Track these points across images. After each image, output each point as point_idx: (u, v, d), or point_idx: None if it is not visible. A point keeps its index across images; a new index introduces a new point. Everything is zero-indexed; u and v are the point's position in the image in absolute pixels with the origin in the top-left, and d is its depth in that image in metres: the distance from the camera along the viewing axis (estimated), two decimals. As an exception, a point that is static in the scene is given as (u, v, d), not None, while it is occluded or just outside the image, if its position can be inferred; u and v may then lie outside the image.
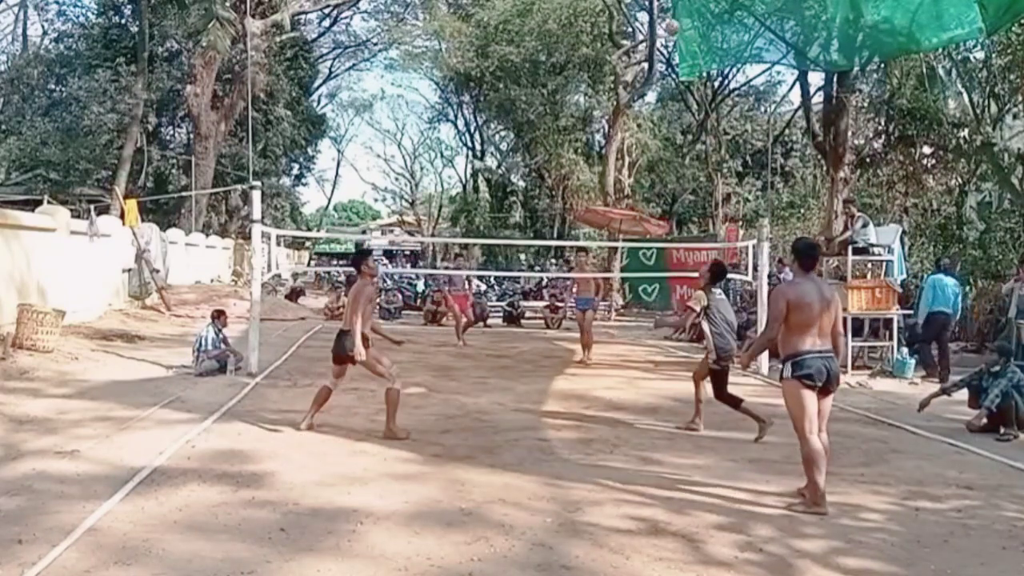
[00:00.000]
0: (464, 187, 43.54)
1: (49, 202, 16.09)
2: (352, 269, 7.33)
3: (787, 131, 31.86)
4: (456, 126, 40.59)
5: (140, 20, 23.48)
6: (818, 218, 20.06)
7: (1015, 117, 16.86)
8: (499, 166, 37.93)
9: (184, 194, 24.52)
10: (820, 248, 5.89)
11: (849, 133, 17.13)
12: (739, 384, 9.59)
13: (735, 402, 6.60)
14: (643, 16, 24.76)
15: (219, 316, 9.57)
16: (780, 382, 4.81)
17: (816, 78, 18.54)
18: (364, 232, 52.75)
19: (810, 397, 4.63)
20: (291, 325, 15.29)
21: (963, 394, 7.25)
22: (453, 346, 12.31)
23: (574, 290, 12.11)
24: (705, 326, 6.61)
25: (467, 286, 14.46)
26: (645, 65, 21.97)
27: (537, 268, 28.67)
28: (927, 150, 18.37)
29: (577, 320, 11.72)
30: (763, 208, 26.87)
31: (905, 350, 10.55)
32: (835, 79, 16.15)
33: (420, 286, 20.19)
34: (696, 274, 19.54)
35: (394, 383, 6.21)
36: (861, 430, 7.06)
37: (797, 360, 4.63)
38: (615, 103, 22.83)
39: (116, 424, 6.42)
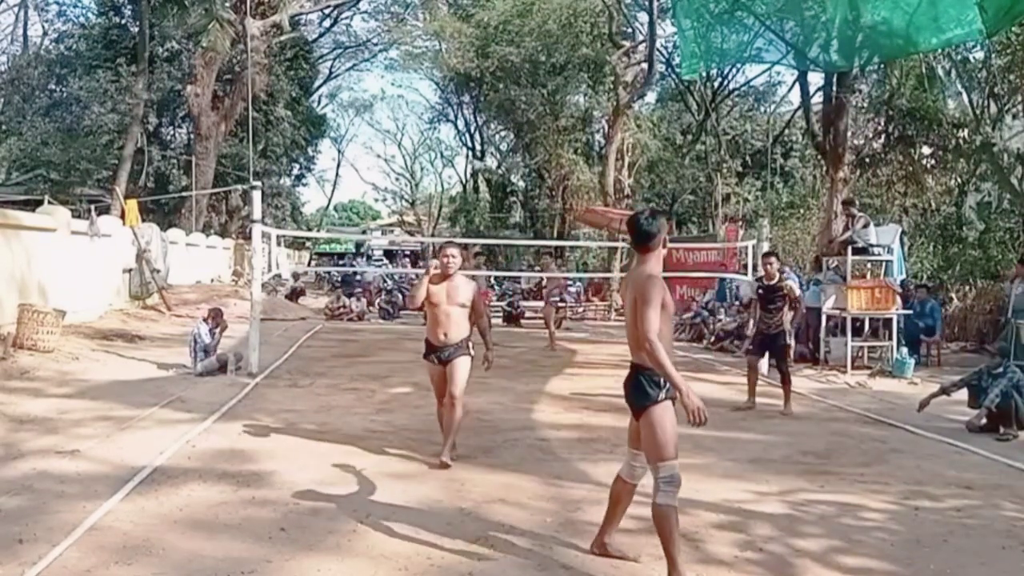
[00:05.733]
0: (464, 187, 43.55)
1: (50, 202, 16.08)
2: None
3: (787, 131, 31.85)
4: (456, 126, 40.63)
5: (140, 20, 23.47)
6: (817, 218, 20.05)
7: (1015, 117, 16.86)
8: (499, 166, 37.93)
9: (184, 194, 24.53)
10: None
11: (849, 133, 17.12)
12: (736, 383, 9.61)
13: None
14: (643, 16, 24.77)
15: (214, 315, 9.54)
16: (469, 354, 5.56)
17: (816, 78, 18.53)
18: (364, 232, 52.82)
19: None
20: (291, 325, 15.30)
21: (963, 394, 7.25)
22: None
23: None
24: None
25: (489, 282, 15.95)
26: (645, 65, 21.97)
27: (537, 268, 28.67)
28: (927, 150, 18.36)
29: (545, 313, 13.30)
30: (763, 208, 26.86)
31: (905, 350, 10.56)
32: (835, 79, 16.14)
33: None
34: (697, 274, 19.52)
35: None
36: (861, 430, 7.06)
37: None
38: (615, 103, 22.84)
39: (117, 424, 6.43)
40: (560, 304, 14.70)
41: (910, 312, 11.13)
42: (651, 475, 3.59)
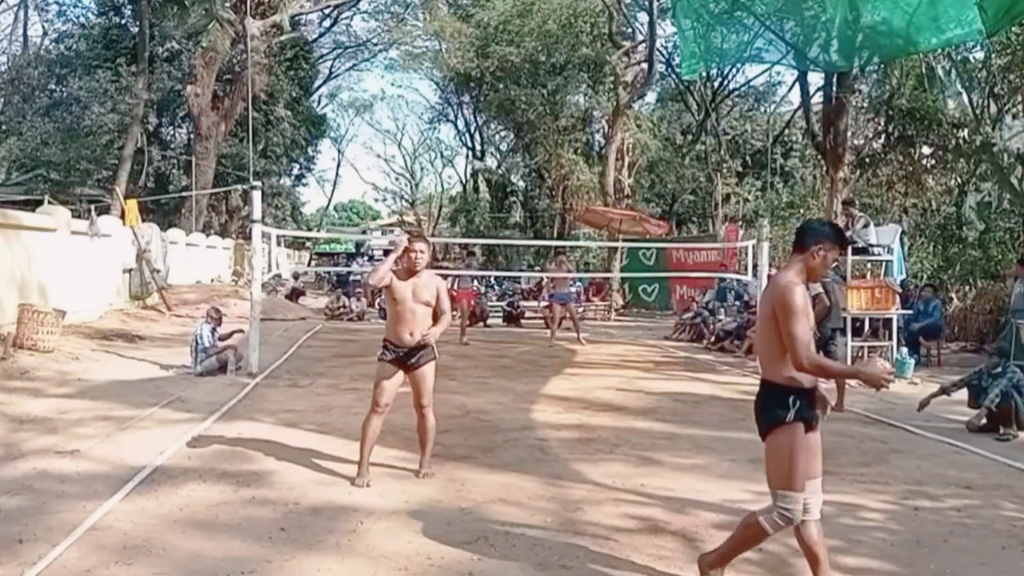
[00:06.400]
0: (464, 187, 43.58)
1: (50, 202, 16.08)
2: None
3: (787, 131, 31.88)
4: (456, 126, 40.68)
5: (140, 20, 23.49)
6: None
7: (1015, 117, 16.88)
8: (499, 166, 37.95)
9: (184, 194, 24.56)
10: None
11: (849, 133, 17.16)
12: (736, 383, 9.61)
13: None
14: (643, 16, 24.77)
15: (216, 317, 9.53)
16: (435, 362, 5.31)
17: (816, 78, 18.59)
18: (364, 232, 52.87)
19: None
20: (291, 325, 15.30)
21: (963, 394, 7.25)
22: (454, 345, 12.32)
23: (552, 285, 14.60)
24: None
25: (473, 283, 15.98)
26: (645, 65, 21.98)
27: (537, 268, 28.70)
28: (927, 150, 18.39)
29: (555, 311, 13.53)
30: (763, 208, 26.87)
31: (905, 350, 10.55)
32: (835, 79, 16.18)
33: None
34: (696, 274, 19.57)
35: None
36: (861, 430, 7.06)
37: None
38: (615, 103, 22.84)
39: (117, 424, 6.43)
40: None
41: (910, 312, 11.13)
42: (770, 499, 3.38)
